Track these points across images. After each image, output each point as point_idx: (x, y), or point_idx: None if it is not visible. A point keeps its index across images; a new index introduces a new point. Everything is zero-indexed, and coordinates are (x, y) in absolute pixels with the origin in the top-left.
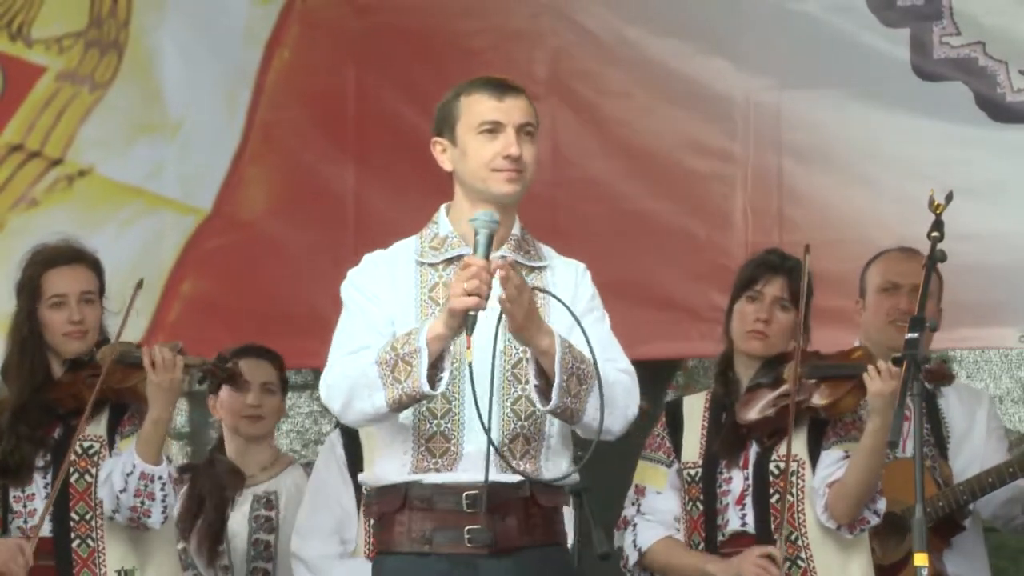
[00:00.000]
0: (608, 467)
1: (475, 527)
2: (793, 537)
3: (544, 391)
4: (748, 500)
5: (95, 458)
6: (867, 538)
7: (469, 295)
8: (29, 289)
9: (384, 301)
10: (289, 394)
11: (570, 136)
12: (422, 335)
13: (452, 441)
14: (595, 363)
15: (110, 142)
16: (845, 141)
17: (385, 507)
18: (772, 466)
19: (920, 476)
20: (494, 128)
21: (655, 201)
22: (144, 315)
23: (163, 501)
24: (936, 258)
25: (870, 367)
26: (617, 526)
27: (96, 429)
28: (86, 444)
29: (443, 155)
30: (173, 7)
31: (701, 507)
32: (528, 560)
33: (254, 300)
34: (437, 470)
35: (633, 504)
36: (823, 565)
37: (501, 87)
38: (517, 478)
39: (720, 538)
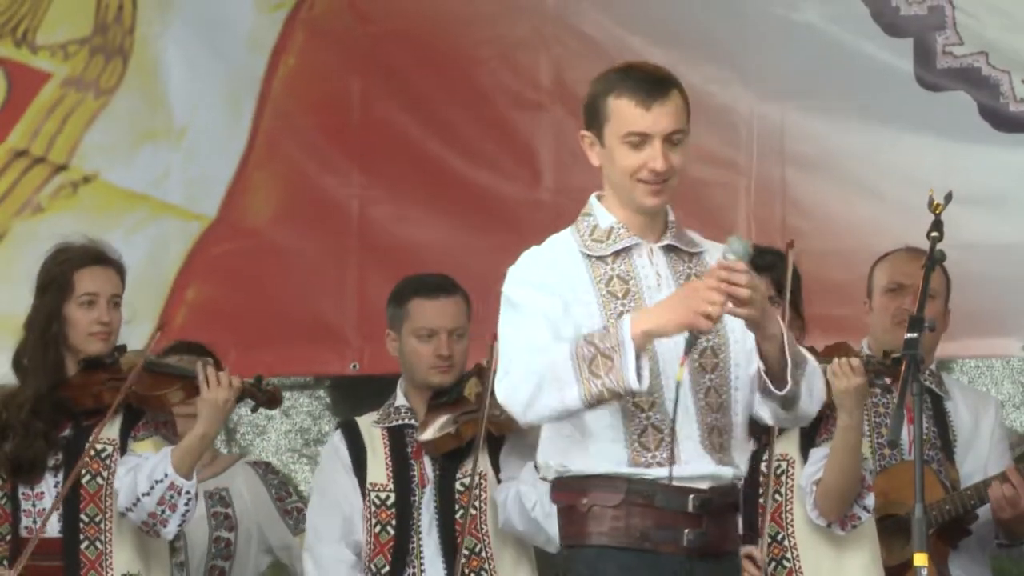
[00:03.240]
0: None
1: (696, 530)
2: (780, 537)
3: (774, 378)
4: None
5: (107, 461)
6: (872, 535)
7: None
8: (59, 285)
9: (561, 300)
10: (289, 393)
11: (575, 144)
12: (625, 329)
13: (665, 432)
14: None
15: (115, 148)
16: (848, 151)
17: (598, 499)
18: (763, 466)
19: (920, 475)
20: (640, 141)
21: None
22: (149, 321)
23: (183, 515)
24: (936, 258)
25: (833, 363)
26: None
27: (109, 432)
28: (99, 447)
29: (591, 149)
30: (178, 14)
31: None
32: (728, 565)
33: (259, 306)
34: (660, 464)
35: None
36: (811, 566)
37: (650, 93)
38: (730, 481)
39: None
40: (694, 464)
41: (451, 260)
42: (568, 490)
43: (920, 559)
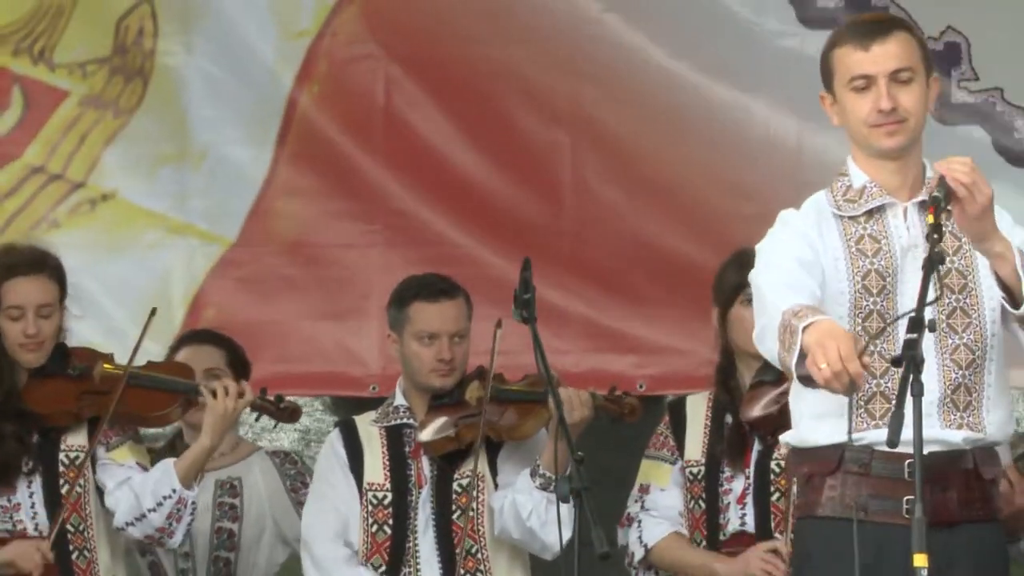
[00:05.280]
0: (608, 466)
1: (914, 497)
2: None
3: (1011, 300)
4: (749, 499)
5: (81, 468)
6: None
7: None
8: None
9: (817, 249)
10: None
11: (593, 168)
12: (804, 323)
13: (893, 402)
14: None
15: (134, 168)
16: None
17: (815, 468)
18: (773, 464)
19: (919, 475)
20: (865, 83)
21: (678, 237)
22: (166, 342)
23: (187, 524)
24: (935, 259)
25: None
26: (620, 523)
27: (77, 439)
28: (72, 455)
29: (831, 109)
30: (200, 38)
31: (703, 506)
32: (964, 536)
33: (279, 329)
34: (877, 427)
35: (637, 501)
36: None
37: (868, 34)
38: (960, 439)
39: (722, 537)
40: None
41: (473, 286)
42: (797, 462)
43: (920, 559)
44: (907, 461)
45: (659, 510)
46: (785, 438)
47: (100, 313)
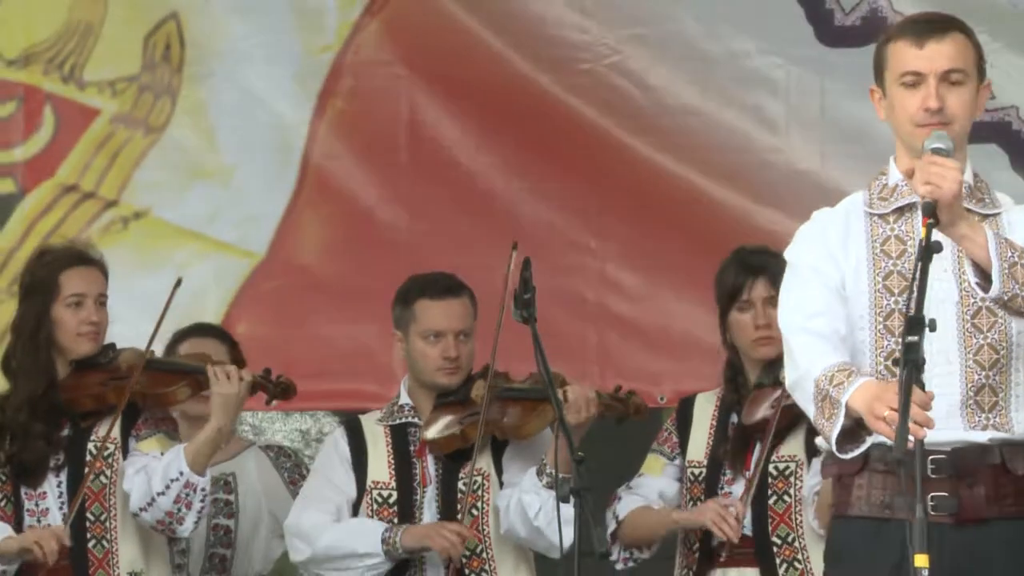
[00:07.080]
0: (608, 467)
1: (940, 494)
2: (791, 539)
3: (983, 285)
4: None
5: (110, 459)
6: None
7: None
8: (45, 287)
9: (838, 259)
10: None
11: (616, 186)
12: (847, 394)
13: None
14: None
15: (165, 185)
16: None
17: (844, 468)
18: (771, 467)
19: (920, 475)
20: (915, 80)
21: (702, 253)
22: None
23: (199, 512)
24: (932, 249)
25: None
26: (608, 503)
27: (108, 431)
28: (100, 445)
29: (879, 104)
30: (226, 54)
31: None
32: (996, 533)
33: (310, 343)
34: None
35: (627, 484)
36: (820, 567)
37: (924, 31)
38: (986, 439)
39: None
40: (938, 432)
41: (494, 300)
42: (829, 462)
43: (920, 560)
44: (930, 457)
45: (640, 489)
46: (820, 439)
47: (132, 329)
